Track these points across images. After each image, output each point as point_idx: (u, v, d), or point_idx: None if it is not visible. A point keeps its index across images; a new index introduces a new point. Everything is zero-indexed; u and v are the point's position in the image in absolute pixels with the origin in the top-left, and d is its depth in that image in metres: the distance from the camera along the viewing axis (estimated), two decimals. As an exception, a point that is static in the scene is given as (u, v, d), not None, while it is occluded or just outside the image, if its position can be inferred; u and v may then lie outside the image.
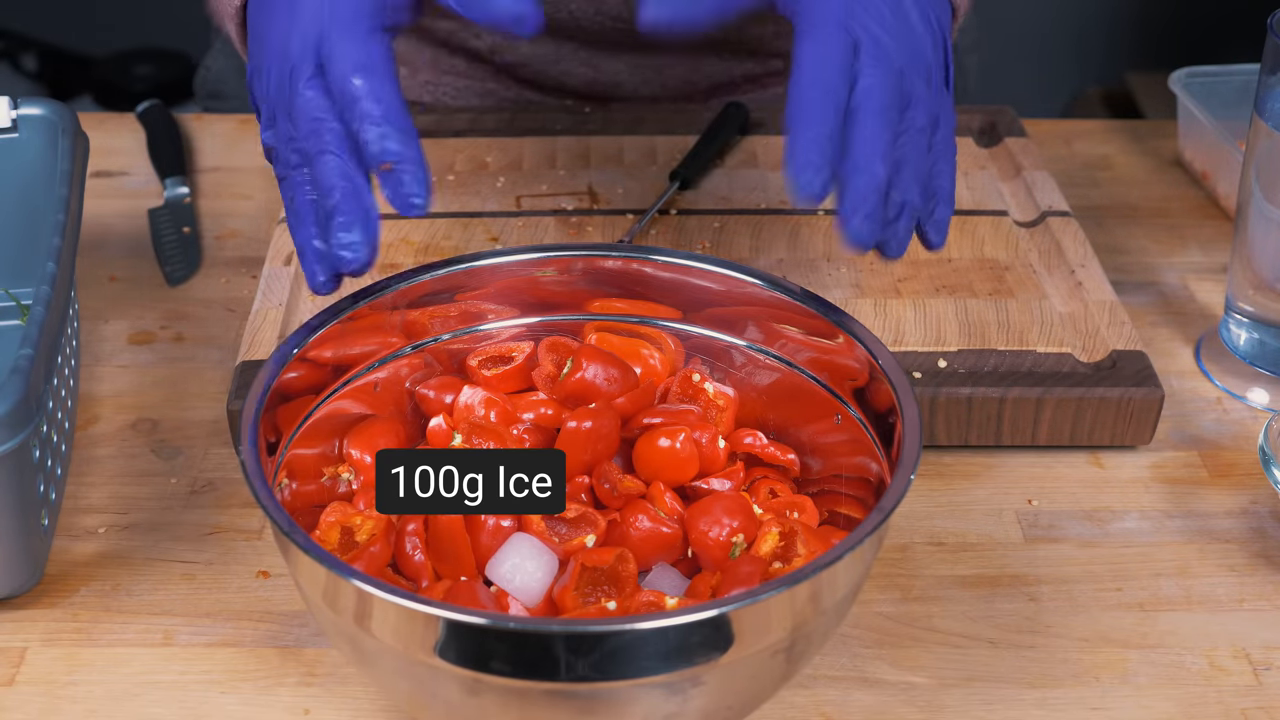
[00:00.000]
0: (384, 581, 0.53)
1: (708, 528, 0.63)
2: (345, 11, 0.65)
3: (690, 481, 0.67)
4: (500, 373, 0.70)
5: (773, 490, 0.67)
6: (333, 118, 0.64)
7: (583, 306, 0.71)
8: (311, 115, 0.64)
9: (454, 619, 0.52)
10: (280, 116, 0.66)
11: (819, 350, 0.67)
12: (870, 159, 0.64)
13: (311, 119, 0.64)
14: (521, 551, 0.62)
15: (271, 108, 0.67)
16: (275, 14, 0.68)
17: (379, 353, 0.68)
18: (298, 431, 0.64)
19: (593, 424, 0.65)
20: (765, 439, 0.69)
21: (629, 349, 0.71)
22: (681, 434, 0.66)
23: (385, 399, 0.69)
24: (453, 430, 0.66)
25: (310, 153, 0.65)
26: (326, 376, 0.66)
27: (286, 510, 0.56)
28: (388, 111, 0.63)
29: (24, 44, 2.36)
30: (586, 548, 0.62)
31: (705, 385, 0.70)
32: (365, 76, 0.64)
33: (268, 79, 0.67)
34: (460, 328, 0.71)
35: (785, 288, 0.68)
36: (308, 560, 0.54)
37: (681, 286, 0.70)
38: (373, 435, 0.67)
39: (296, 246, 0.65)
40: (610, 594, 0.60)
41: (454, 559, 0.62)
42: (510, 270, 0.70)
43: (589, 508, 0.65)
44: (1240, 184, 0.83)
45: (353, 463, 0.66)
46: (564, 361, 0.69)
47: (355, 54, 0.64)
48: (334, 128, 0.64)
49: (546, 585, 0.61)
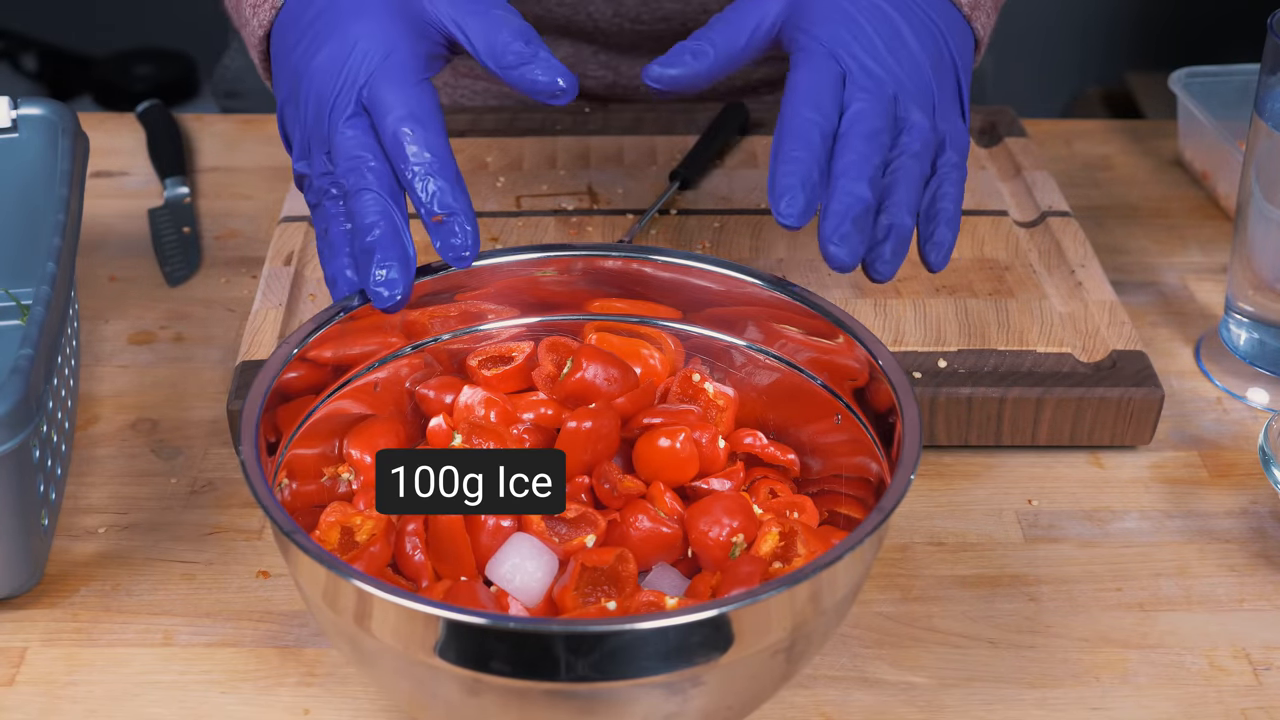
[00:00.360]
0: (384, 581, 0.53)
1: (708, 528, 0.63)
2: (397, 61, 0.67)
3: (690, 481, 0.67)
4: (500, 373, 0.70)
5: (773, 490, 0.67)
6: (374, 157, 0.66)
7: (583, 306, 0.71)
8: (352, 153, 0.66)
9: (454, 619, 0.52)
10: (316, 149, 0.68)
11: (819, 350, 0.67)
12: (853, 181, 0.65)
13: (352, 156, 0.66)
14: (521, 551, 0.62)
15: (307, 138, 0.69)
16: (314, 49, 0.69)
17: (379, 353, 0.68)
18: (298, 431, 0.64)
19: (593, 424, 0.65)
20: (765, 439, 0.69)
21: (629, 349, 0.71)
22: (681, 434, 0.66)
23: (385, 399, 0.69)
24: (453, 430, 0.66)
25: (349, 189, 0.66)
26: (326, 376, 0.66)
27: (286, 510, 0.56)
28: (440, 164, 0.66)
29: (24, 44, 2.36)
30: (586, 548, 0.62)
31: (705, 385, 0.70)
32: (417, 126, 0.66)
33: (305, 111, 0.69)
34: (460, 328, 0.71)
35: (785, 288, 0.68)
36: (308, 560, 0.54)
37: (681, 286, 0.70)
38: (373, 435, 0.67)
39: (327, 276, 0.67)
40: (610, 594, 0.60)
41: (454, 559, 0.62)
42: (510, 270, 0.70)
43: (589, 508, 0.65)
44: (1240, 184, 0.83)
45: (353, 463, 0.66)
46: (564, 361, 0.69)
47: (408, 103, 0.66)
48: (375, 167, 0.66)
49: (546, 585, 0.61)
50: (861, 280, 0.87)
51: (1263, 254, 0.82)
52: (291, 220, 0.91)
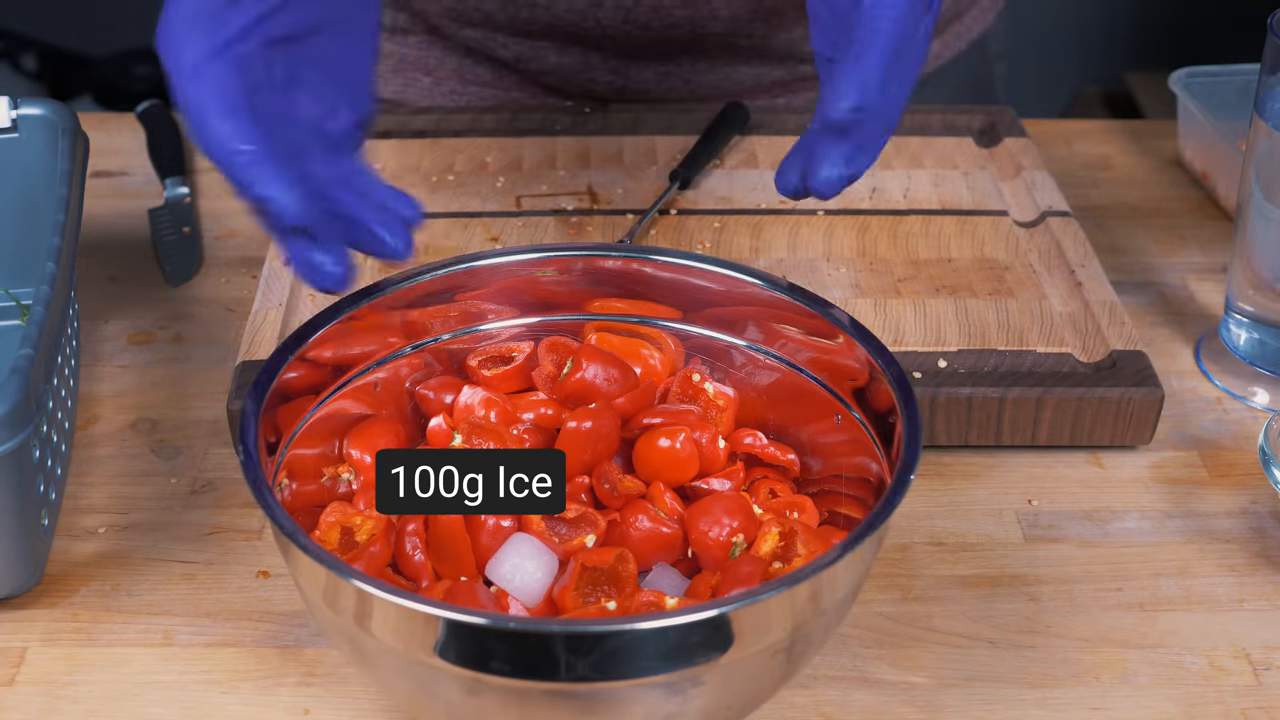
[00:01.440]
0: (384, 581, 0.53)
1: (708, 528, 0.63)
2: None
3: (690, 481, 0.67)
4: (500, 373, 0.70)
5: (773, 490, 0.67)
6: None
7: (582, 306, 0.71)
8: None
9: (454, 619, 0.52)
10: None
11: (819, 350, 0.67)
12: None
13: None
14: (521, 551, 0.62)
15: None
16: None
17: (379, 353, 0.68)
18: (298, 431, 0.64)
19: (593, 424, 0.65)
20: (765, 439, 0.69)
21: (629, 349, 0.71)
22: (681, 434, 0.66)
23: (385, 399, 0.69)
24: (453, 430, 0.66)
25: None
26: (326, 376, 0.66)
27: (286, 510, 0.57)
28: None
29: (24, 44, 2.36)
30: (586, 548, 0.62)
31: (705, 385, 0.70)
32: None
33: None
34: (460, 328, 0.71)
35: (785, 288, 0.68)
36: (308, 560, 0.54)
37: (681, 286, 0.70)
38: (373, 435, 0.67)
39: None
40: (610, 594, 0.60)
41: (454, 559, 0.62)
42: (510, 270, 0.70)
43: (589, 508, 0.65)
44: (1240, 184, 0.83)
45: (352, 463, 0.66)
46: (564, 361, 0.69)
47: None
48: None
49: (546, 585, 0.61)
50: (862, 280, 0.87)
51: (1263, 254, 0.82)
52: (291, 220, 0.91)
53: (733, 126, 1.00)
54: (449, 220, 0.92)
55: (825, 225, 0.92)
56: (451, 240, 0.90)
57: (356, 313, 0.66)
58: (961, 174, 0.98)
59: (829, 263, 0.89)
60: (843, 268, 0.88)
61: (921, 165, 0.99)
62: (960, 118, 1.04)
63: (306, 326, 0.65)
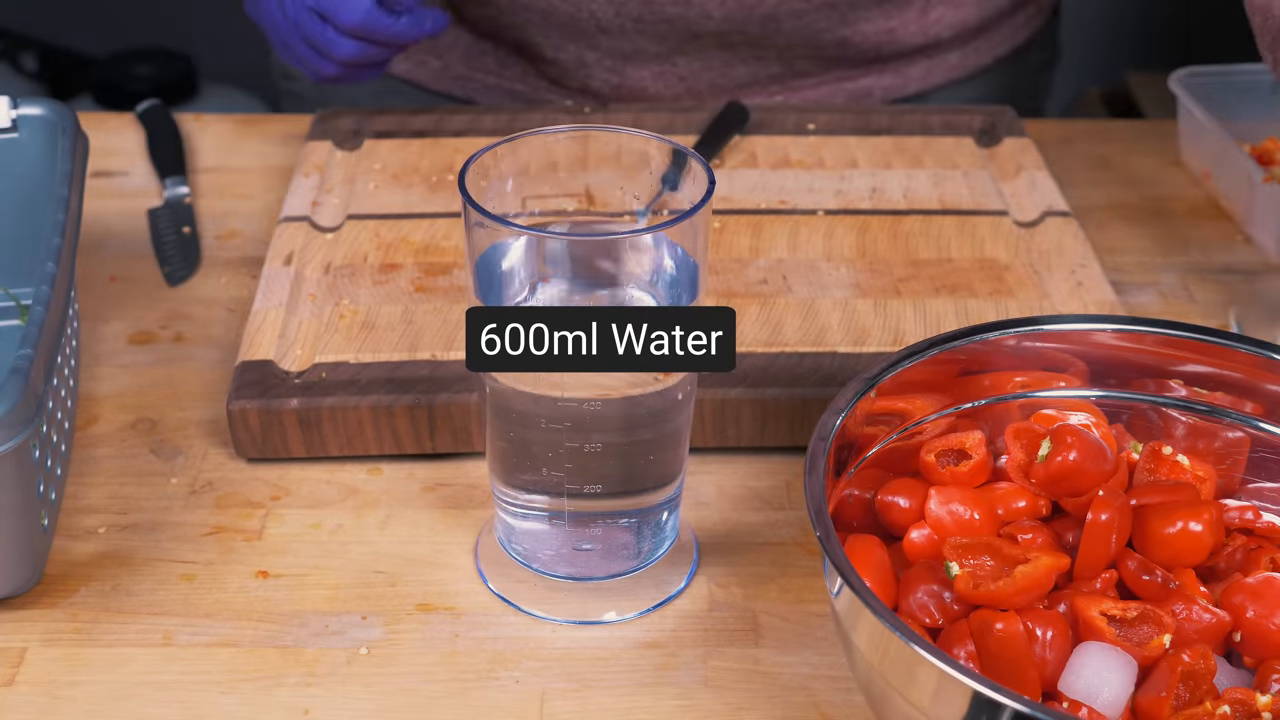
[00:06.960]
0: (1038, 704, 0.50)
1: (1266, 614, 0.59)
2: None
3: (1204, 563, 0.63)
4: (961, 468, 0.66)
5: (1273, 559, 0.63)
6: None
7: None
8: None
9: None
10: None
11: (1270, 399, 0.64)
12: None
13: None
14: (1099, 661, 0.57)
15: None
16: None
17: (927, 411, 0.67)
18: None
19: (1110, 514, 0.61)
20: (1264, 510, 0.65)
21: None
22: (1206, 515, 0.61)
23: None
24: (946, 561, 0.61)
25: None
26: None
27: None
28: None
29: (24, 44, 2.36)
30: (1166, 649, 0.58)
31: (1179, 458, 0.65)
32: None
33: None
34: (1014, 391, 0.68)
35: (1220, 338, 0.65)
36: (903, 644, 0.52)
37: (1080, 340, 0.68)
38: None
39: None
40: (1194, 696, 0.57)
41: (1014, 675, 0.57)
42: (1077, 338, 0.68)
43: (1147, 605, 0.60)
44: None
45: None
46: (1034, 446, 0.65)
47: None
48: None
49: (1129, 695, 0.57)
50: (861, 280, 0.87)
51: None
52: (291, 220, 0.91)
53: (733, 126, 1.00)
54: (449, 220, 0.92)
55: (825, 225, 0.92)
56: (451, 240, 0.90)
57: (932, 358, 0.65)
58: (961, 174, 0.98)
59: (829, 263, 0.89)
60: (843, 268, 0.88)
61: (921, 165, 0.99)
62: (960, 118, 1.04)
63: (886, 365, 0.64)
